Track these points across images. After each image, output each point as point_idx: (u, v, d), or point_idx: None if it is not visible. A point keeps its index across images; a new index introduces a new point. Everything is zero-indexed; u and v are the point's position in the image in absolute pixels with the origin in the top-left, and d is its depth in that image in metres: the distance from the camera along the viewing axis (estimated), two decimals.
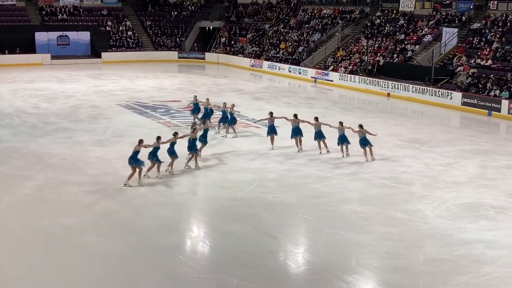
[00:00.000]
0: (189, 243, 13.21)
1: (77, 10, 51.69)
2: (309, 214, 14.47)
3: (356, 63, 38.71)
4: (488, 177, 17.74)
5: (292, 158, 19.50)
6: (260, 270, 11.51)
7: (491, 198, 15.77)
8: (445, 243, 12.79)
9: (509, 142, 23.15)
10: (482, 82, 30.44)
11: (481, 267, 11.63)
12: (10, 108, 27.71)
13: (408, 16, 40.32)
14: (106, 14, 52.55)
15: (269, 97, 32.74)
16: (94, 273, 11.30)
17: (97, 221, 13.95)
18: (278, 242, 12.93)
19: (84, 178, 16.97)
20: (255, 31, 50.80)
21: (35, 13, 50.40)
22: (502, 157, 20.12)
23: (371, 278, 11.40)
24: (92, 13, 52.35)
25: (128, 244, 12.62)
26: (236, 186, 16.57)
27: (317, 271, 11.58)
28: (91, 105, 28.79)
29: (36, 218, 13.99)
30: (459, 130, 26.33)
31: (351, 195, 15.96)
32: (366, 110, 29.80)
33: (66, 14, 50.94)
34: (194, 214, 15.01)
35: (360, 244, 12.76)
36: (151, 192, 15.94)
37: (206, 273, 11.43)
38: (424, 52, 36.12)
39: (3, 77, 38.22)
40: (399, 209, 14.85)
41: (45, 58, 46.86)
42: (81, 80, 38.26)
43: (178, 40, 53.27)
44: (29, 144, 20.87)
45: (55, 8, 50.84)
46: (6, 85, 35.24)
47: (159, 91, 34.25)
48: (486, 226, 13.81)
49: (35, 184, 16.47)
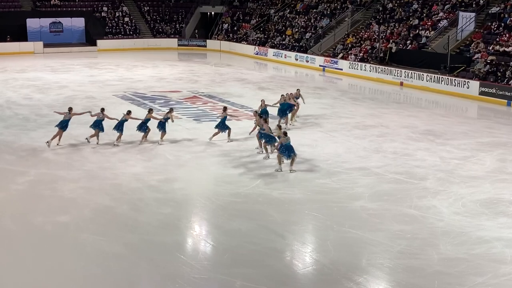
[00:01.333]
0: (190, 242, 13.26)
1: None
2: (317, 211, 14.50)
3: (367, 51, 38.63)
4: (507, 171, 17.73)
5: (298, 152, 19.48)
6: (266, 270, 11.54)
7: (510, 194, 15.75)
8: (462, 241, 12.80)
9: None
10: (501, 70, 30.36)
11: (500, 266, 11.64)
12: (0, 100, 27.79)
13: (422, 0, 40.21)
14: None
15: (275, 87, 32.73)
16: (91, 273, 11.35)
17: (93, 218, 14.01)
18: (284, 241, 12.96)
19: (79, 173, 17.04)
20: (259, 16, 50.73)
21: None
22: None
23: (383, 278, 11.42)
24: None
25: (126, 242, 12.68)
26: (239, 182, 16.60)
27: (326, 271, 11.61)
28: (86, 96, 28.85)
29: (30, 215, 14.05)
30: (477, 121, 26.27)
31: (361, 190, 15.97)
32: (378, 101, 29.77)
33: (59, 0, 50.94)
34: (195, 211, 15.05)
35: (371, 242, 12.78)
36: (150, 188, 15.99)
37: (208, 273, 11.48)
38: (439, 38, 36.01)
39: None
40: (413, 205, 14.86)
41: (37, 46, 46.93)
42: (76, 69, 38.32)
43: (178, 27, 53.26)
44: (21, 137, 20.94)
45: None
46: None
47: (158, 81, 34.30)
48: (505, 223, 13.80)
49: (28, 180, 16.54)
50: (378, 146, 19.02)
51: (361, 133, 19.52)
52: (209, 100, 28.41)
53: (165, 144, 19.93)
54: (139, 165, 17.87)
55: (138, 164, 17.93)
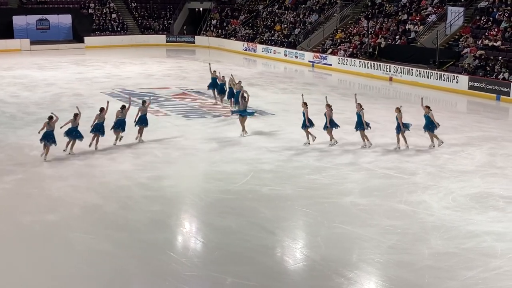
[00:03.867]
0: (180, 239, 13.24)
1: None
2: (308, 207, 14.52)
3: (356, 46, 38.69)
4: (497, 166, 17.82)
5: (289, 148, 19.53)
6: (257, 267, 11.54)
7: (500, 188, 15.84)
8: (452, 236, 12.86)
9: None
10: (490, 64, 30.48)
11: (490, 260, 11.70)
12: None
13: None
14: None
15: (264, 83, 32.73)
16: (81, 272, 11.31)
17: (82, 217, 13.96)
18: (275, 237, 12.96)
19: (67, 171, 16.96)
20: (248, 12, 50.68)
21: None
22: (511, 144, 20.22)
23: (374, 274, 11.46)
24: None
25: (116, 240, 12.64)
26: (229, 178, 16.58)
27: (317, 267, 11.63)
28: (74, 93, 28.72)
29: (18, 214, 13.98)
30: (466, 116, 26.38)
31: (351, 186, 16.01)
32: (368, 96, 29.81)
33: None
34: (185, 208, 15.03)
35: (361, 238, 12.82)
36: (139, 185, 15.94)
37: (199, 270, 11.46)
38: (428, 33, 36.13)
39: None
40: (403, 200, 14.91)
41: (24, 43, 46.66)
42: (63, 66, 38.13)
43: (166, 23, 53.10)
44: (8, 135, 20.83)
45: None
46: None
47: (146, 77, 34.20)
48: (495, 218, 13.87)
49: (15, 179, 16.45)
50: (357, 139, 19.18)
51: (351, 128, 19.56)
52: (198, 97, 28.36)
53: (154, 141, 19.87)
54: (128, 163, 17.82)
55: (126, 162, 17.88)
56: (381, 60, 35.86)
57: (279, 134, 21.15)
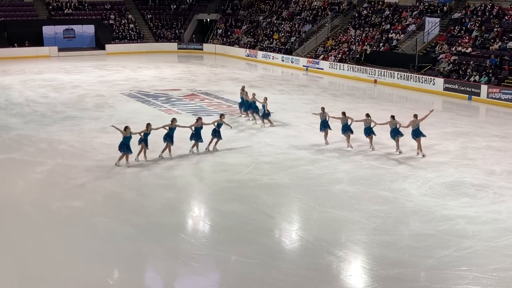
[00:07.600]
0: (190, 223, 13.25)
1: (82, 5, 51.28)
2: (302, 194, 14.52)
3: (344, 52, 38.59)
4: (468, 157, 17.81)
5: (286, 142, 19.50)
6: (257, 247, 11.56)
7: (471, 177, 15.84)
8: (429, 219, 12.86)
9: (488, 124, 23.19)
10: (463, 68, 30.44)
11: (462, 241, 11.71)
12: (20, 98, 27.57)
13: (393, 7, 40.15)
14: (109, 8, 52.15)
15: (264, 85, 32.65)
16: (104, 251, 11.33)
17: (104, 203, 13.97)
18: (273, 221, 12.98)
19: (91, 163, 16.95)
20: (249, 22, 50.52)
21: (43, 8, 49.97)
22: (481, 139, 20.20)
23: (360, 252, 11.47)
24: (96, 7, 51.94)
25: (134, 224, 12.65)
26: (234, 169, 16.58)
27: (310, 246, 11.65)
28: (96, 94, 28.67)
29: (48, 201, 13.99)
30: (441, 114, 26.30)
31: (341, 176, 16.00)
32: (355, 96, 29.77)
33: (71, 9, 50.55)
34: (195, 196, 15.03)
35: (349, 221, 12.82)
36: (154, 175, 15.94)
37: (206, 250, 11.48)
38: (408, 41, 36.02)
39: (13, 69, 37.98)
40: (386, 188, 14.91)
41: (52, 50, 46.55)
42: (87, 70, 38.05)
43: (178, 32, 52.96)
44: (39, 131, 20.81)
45: (61, 3, 50.45)
46: (16, 76, 35.03)
47: (160, 80, 34.11)
48: (467, 203, 13.88)
49: (46, 169, 16.44)
50: (356, 136, 19.05)
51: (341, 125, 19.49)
52: (206, 97, 28.31)
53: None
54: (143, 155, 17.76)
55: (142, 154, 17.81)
56: (366, 65, 35.76)
57: (277, 130, 21.13)
